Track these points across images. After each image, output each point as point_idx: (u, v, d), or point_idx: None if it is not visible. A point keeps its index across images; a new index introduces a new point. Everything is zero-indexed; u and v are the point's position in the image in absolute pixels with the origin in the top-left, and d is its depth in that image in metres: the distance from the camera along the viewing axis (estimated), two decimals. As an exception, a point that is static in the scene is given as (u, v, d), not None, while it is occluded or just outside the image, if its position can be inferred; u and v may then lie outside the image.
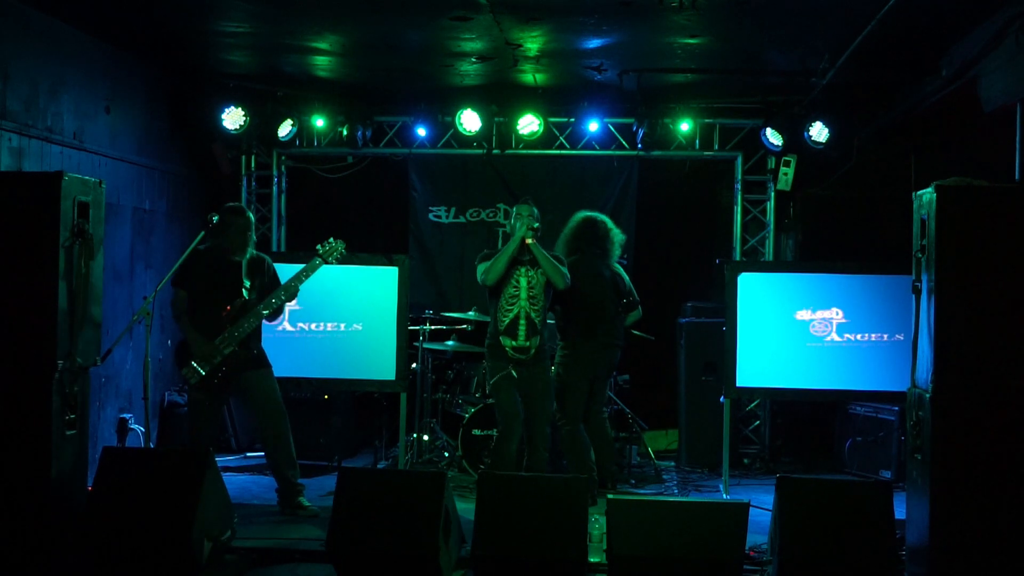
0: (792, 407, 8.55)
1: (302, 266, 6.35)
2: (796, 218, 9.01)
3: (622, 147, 8.73)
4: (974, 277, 4.80)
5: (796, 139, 8.19)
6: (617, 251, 6.98)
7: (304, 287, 6.32)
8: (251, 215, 6.41)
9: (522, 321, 6.35)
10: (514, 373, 6.33)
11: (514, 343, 6.34)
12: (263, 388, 6.29)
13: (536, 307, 6.37)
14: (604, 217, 7.00)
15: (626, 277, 7.05)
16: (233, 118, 8.24)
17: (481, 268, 6.45)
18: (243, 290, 6.22)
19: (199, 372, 6.10)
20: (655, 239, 8.96)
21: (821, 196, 8.84)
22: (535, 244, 6.36)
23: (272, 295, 6.24)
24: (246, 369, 6.21)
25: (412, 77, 8.22)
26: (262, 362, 6.33)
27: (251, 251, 6.32)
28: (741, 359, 6.99)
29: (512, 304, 6.36)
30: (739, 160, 8.73)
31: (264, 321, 6.27)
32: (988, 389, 4.78)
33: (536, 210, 6.45)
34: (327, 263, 6.36)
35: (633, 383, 7.97)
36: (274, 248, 8.97)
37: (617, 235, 6.95)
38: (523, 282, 6.37)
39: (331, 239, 6.42)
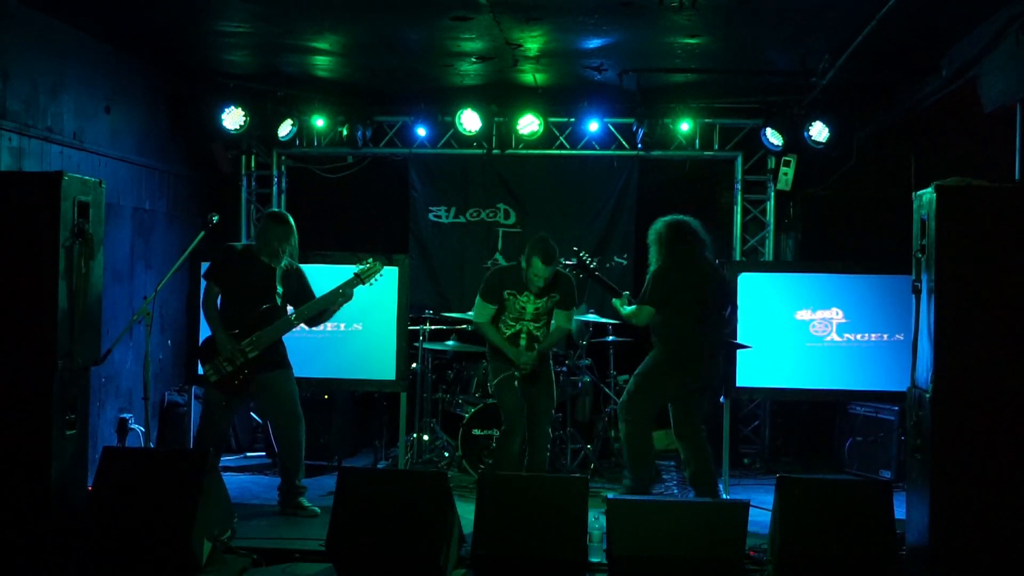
0: (792, 407, 8.55)
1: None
2: (796, 218, 9.01)
3: (622, 147, 8.73)
4: (974, 277, 4.81)
5: (796, 139, 8.19)
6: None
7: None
8: (292, 223, 6.24)
9: (523, 336, 6.37)
10: (517, 373, 6.34)
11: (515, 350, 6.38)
12: (282, 390, 6.27)
13: (540, 324, 6.39)
14: (683, 216, 6.39)
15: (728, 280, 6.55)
16: (233, 118, 8.25)
17: (478, 307, 6.41)
18: (276, 295, 6.17)
19: (222, 371, 6.09)
20: (655, 239, 8.95)
21: (821, 196, 8.84)
22: (532, 359, 6.29)
23: (306, 305, 6.19)
24: (266, 370, 6.19)
25: (412, 77, 8.22)
26: (282, 363, 6.29)
27: (288, 260, 6.20)
28: (741, 359, 7.00)
29: (516, 322, 6.38)
30: (739, 160, 8.73)
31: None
32: (988, 389, 4.79)
33: (554, 255, 6.16)
34: (363, 284, 6.29)
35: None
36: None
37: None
38: (530, 308, 6.35)
39: (370, 259, 6.33)
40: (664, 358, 6.19)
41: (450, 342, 7.80)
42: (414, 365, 7.73)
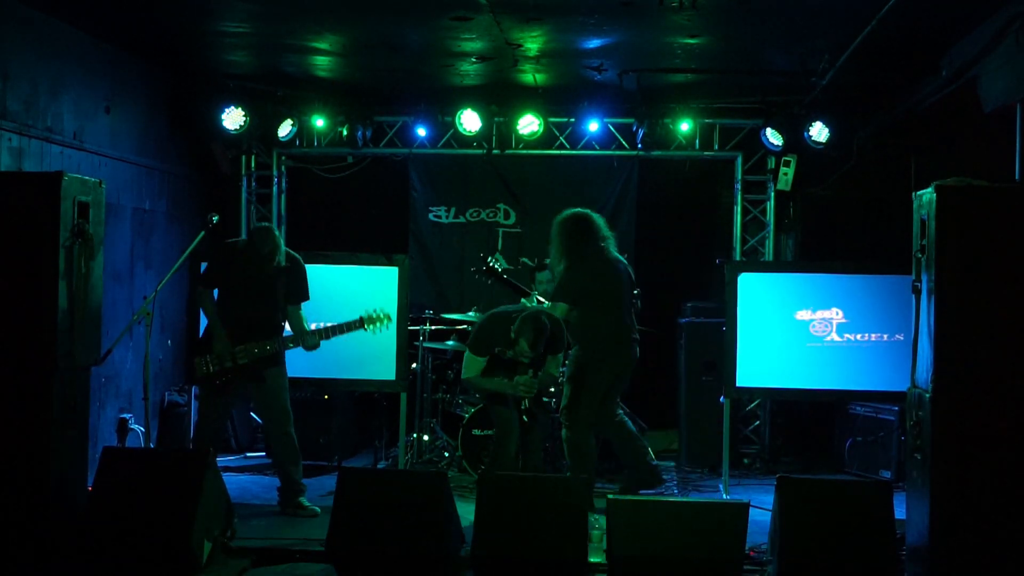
0: (792, 407, 8.55)
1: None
2: (796, 218, 9.01)
3: (622, 147, 8.73)
4: (974, 277, 4.80)
5: (796, 139, 8.19)
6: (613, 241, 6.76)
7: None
8: (278, 234, 6.35)
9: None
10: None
11: None
12: (271, 386, 6.28)
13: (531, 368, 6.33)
14: (587, 211, 6.74)
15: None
16: (233, 118, 8.24)
17: (469, 362, 6.30)
18: (275, 293, 6.22)
19: (207, 368, 6.10)
20: (655, 239, 8.95)
21: (821, 196, 8.84)
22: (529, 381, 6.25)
23: (309, 334, 6.25)
24: (259, 370, 6.20)
25: (412, 77, 8.22)
26: (276, 360, 6.31)
27: (280, 258, 6.25)
28: (741, 359, 6.99)
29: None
30: (739, 160, 8.73)
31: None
32: (988, 389, 4.78)
33: (540, 341, 6.06)
34: (364, 330, 6.40)
35: (633, 383, 7.93)
36: (274, 248, 8.96)
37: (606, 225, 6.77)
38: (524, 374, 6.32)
39: (382, 310, 6.42)
40: (587, 354, 6.50)
41: (450, 342, 7.80)
42: (414, 365, 7.72)
